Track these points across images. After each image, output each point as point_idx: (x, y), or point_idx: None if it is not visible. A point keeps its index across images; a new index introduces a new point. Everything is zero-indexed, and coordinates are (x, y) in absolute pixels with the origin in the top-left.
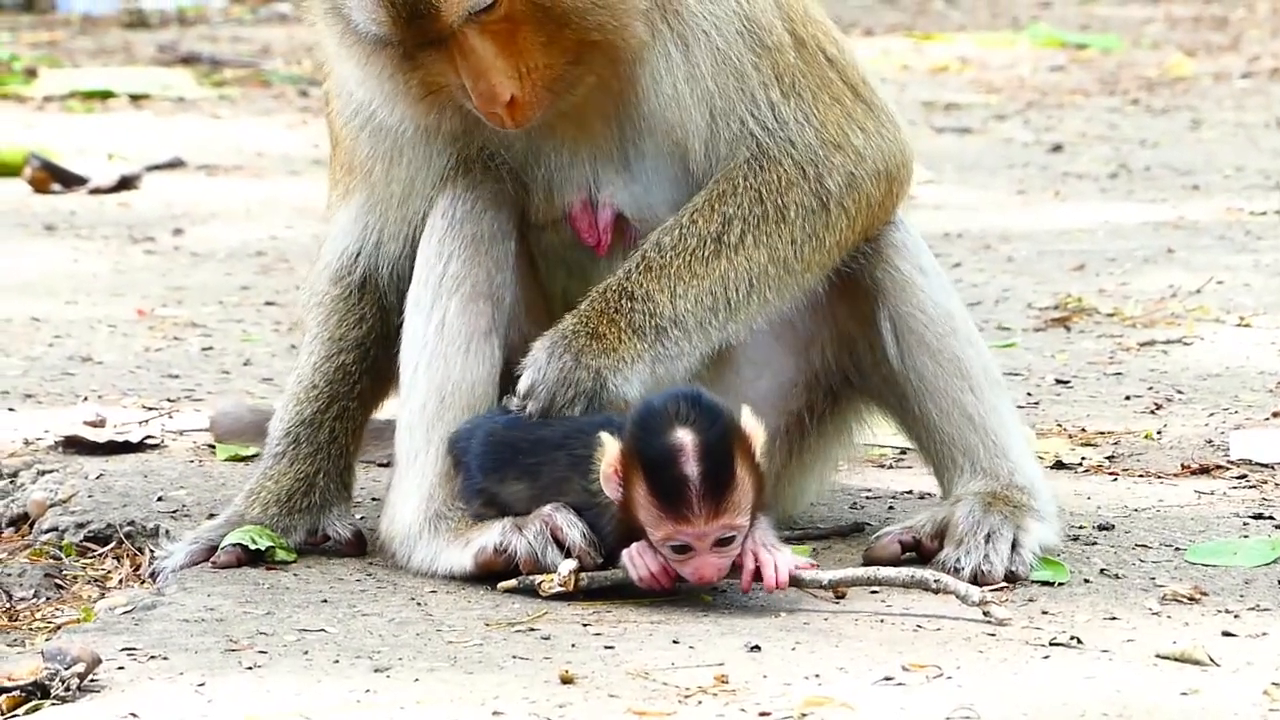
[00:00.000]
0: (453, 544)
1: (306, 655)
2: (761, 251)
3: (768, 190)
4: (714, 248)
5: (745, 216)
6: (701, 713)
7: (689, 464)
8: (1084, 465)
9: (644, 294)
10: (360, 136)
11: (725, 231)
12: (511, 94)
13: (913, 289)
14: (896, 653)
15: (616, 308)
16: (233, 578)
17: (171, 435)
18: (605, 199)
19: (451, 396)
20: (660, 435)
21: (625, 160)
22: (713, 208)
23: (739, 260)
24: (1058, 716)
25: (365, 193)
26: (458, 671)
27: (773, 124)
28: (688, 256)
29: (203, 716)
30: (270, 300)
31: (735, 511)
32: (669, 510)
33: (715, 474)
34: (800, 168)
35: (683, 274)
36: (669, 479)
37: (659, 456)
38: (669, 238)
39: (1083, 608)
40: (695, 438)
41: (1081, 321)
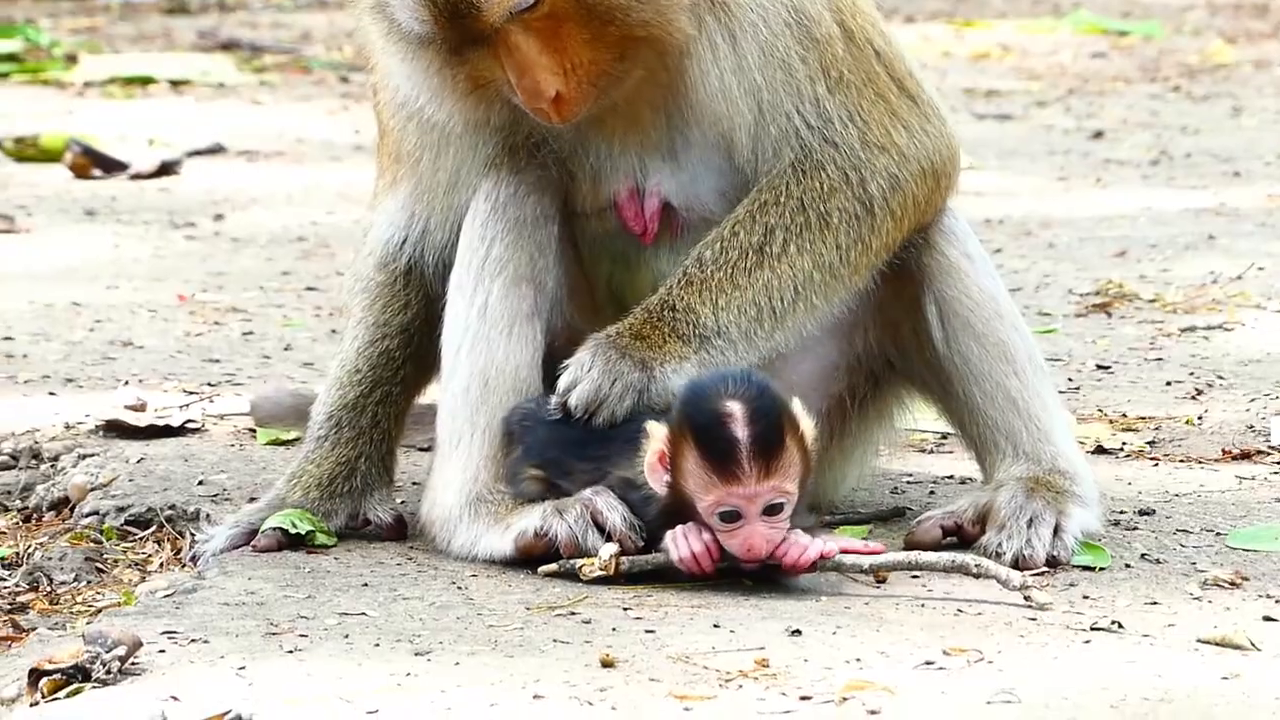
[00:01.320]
0: (493, 528)
1: (347, 639)
2: (805, 259)
3: (810, 198)
4: (756, 258)
5: (788, 225)
6: (742, 696)
7: (739, 427)
8: (1125, 450)
9: (685, 306)
10: (408, 127)
11: (767, 242)
12: (557, 90)
13: (959, 274)
14: (937, 637)
15: (659, 317)
16: (273, 561)
17: (212, 419)
18: (652, 188)
19: (495, 380)
20: (710, 404)
21: (672, 150)
22: (754, 218)
23: (782, 269)
24: (1098, 701)
25: (412, 182)
26: (498, 655)
27: (817, 121)
28: (729, 269)
29: (243, 699)
30: (311, 285)
31: (785, 475)
32: (720, 471)
33: (765, 436)
34: (843, 172)
35: (724, 286)
36: (720, 440)
37: (709, 421)
38: (710, 251)
39: (1124, 592)
40: (744, 405)
41: (1122, 307)
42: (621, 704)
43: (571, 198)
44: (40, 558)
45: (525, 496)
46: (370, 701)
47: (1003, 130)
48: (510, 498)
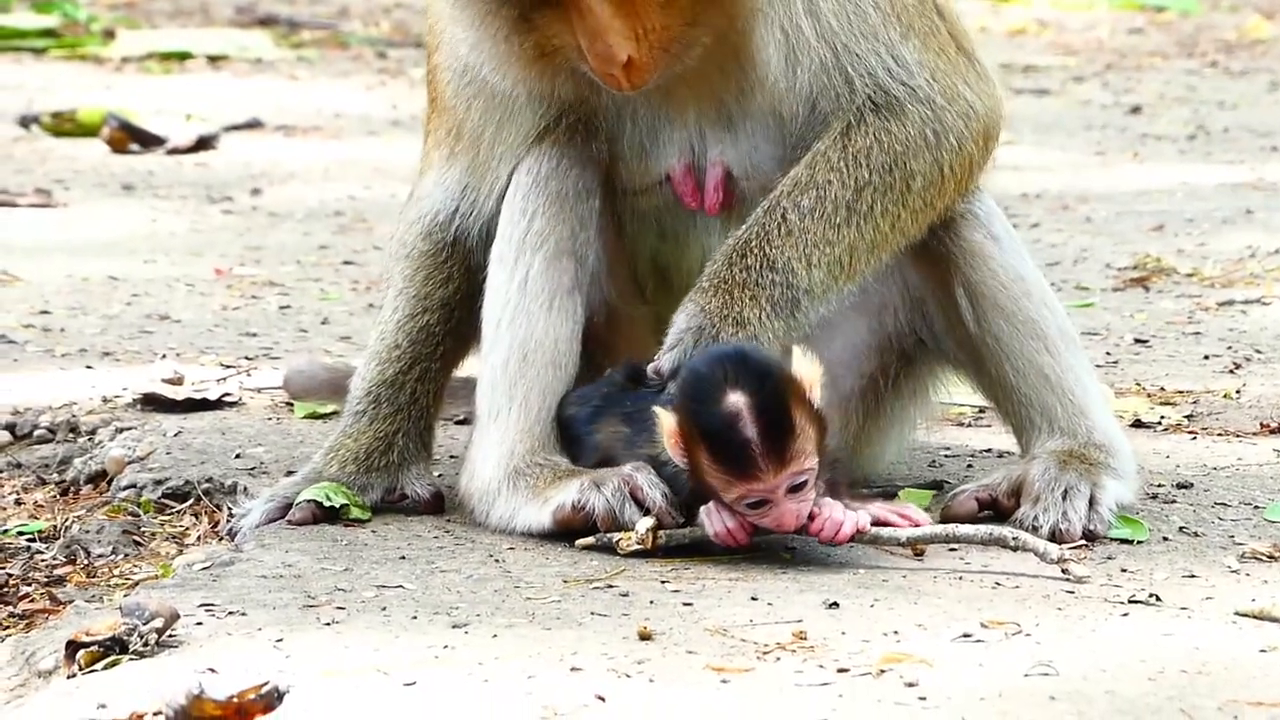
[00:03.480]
0: (531, 501)
1: (384, 611)
2: (886, 220)
3: (897, 153)
4: (845, 214)
5: (876, 185)
6: (780, 669)
7: (746, 427)
8: (1163, 424)
9: (785, 263)
10: (467, 98)
11: (858, 200)
12: (629, 55)
13: (984, 258)
14: (975, 610)
15: (759, 280)
16: (311, 534)
17: (249, 393)
18: (714, 159)
19: (534, 354)
20: (712, 404)
21: (730, 119)
22: (848, 169)
23: (866, 230)
24: (1136, 673)
25: (470, 156)
26: (536, 627)
27: (894, 65)
28: (824, 223)
29: (280, 671)
30: (348, 260)
31: (800, 458)
32: (735, 474)
33: (773, 430)
34: (922, 125)
35: (818, 242)
36: (729, 445)
37: (715, 426)
38: (807, 199)
39: (1161, 565)
40: (747, 399)
41: (1160, 281)
42: (659, 676)
43: (616, 173)
44: (78, 531)
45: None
46: (407, 674)
47: (1040, 105)
48: (549, 470)
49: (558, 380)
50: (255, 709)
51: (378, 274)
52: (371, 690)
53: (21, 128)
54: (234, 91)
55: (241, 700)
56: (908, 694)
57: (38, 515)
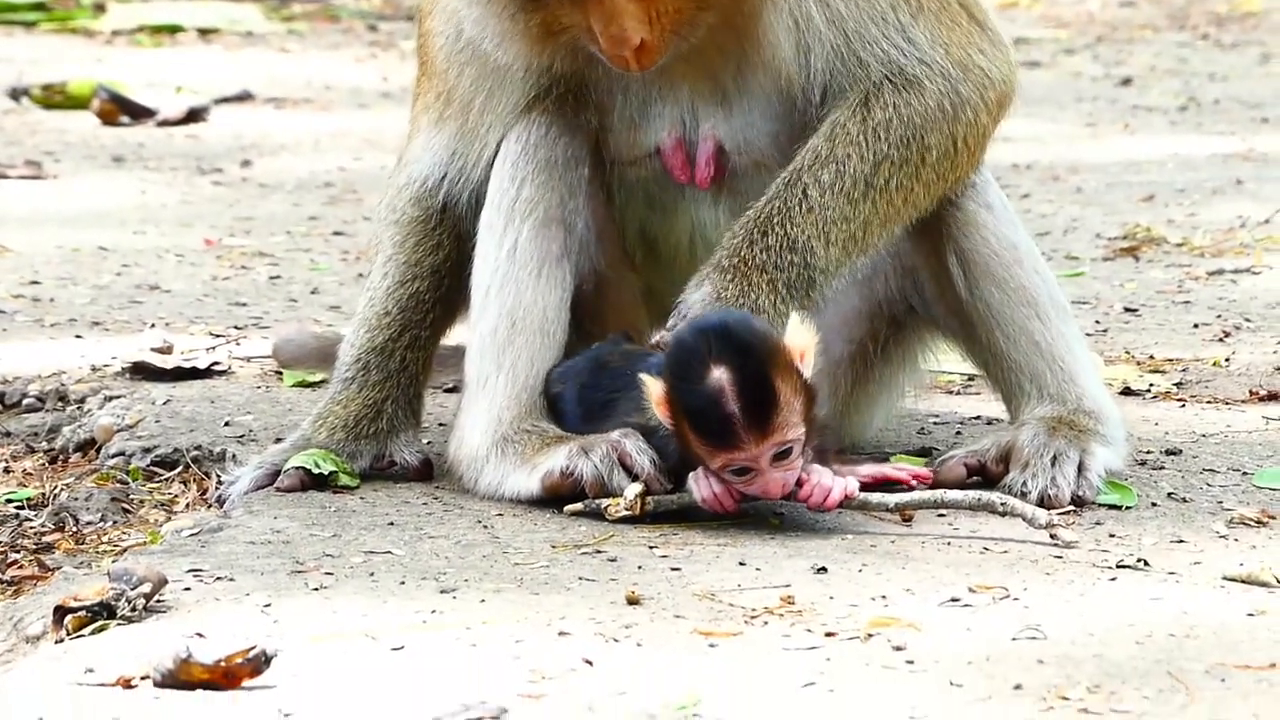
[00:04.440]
0: (519, 467)
1: (373, 577)
2: (900, 195)
3: (915, 126)
4: (864, 189)
5: (894, 159)
6: (767, 633)
7: (727, 402)
8: (1152, 391)
9: (805, 242)
10: (465, 70)
11: (876, 174)
12: (642, 38)
13: (977, 226)
14: (963, 574)
15: (778, 262)
16: (299, 501)
17: (239, 361)
18: (706, 133)
19: (522, 321)
20: (695, 378)
21: (724, 95)
22: (867, 142)
23: (881, 204)
24: (1124, 637)
25: (459, 122)
26: (524, 593)
27: (905, 44)
28: (843, 199)
29: (268, 636)
30: (338, 230)
31: (783, 430)
32: (717, 445)
33: (755, 403)
34: (940, 98)
35: (836, 219)
36: (711, 419)
37: (697, 401)
38: (827, 174)
39: (1150, 531)
40: (729, 374)
41: (1150, 251)
42: (647, 640)
43: (606, 143)
44: (66, 498)
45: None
46: (396, 639)
47: (1031, 77)
48: (537, 437)
49: (546, 348)
50: (243, 673)
51: (367, 244)
52: (359, 655)
53: (12, 100)
54: (224, 64)
55: (229, 664)
56: (895, 657)
57: (26, 483)
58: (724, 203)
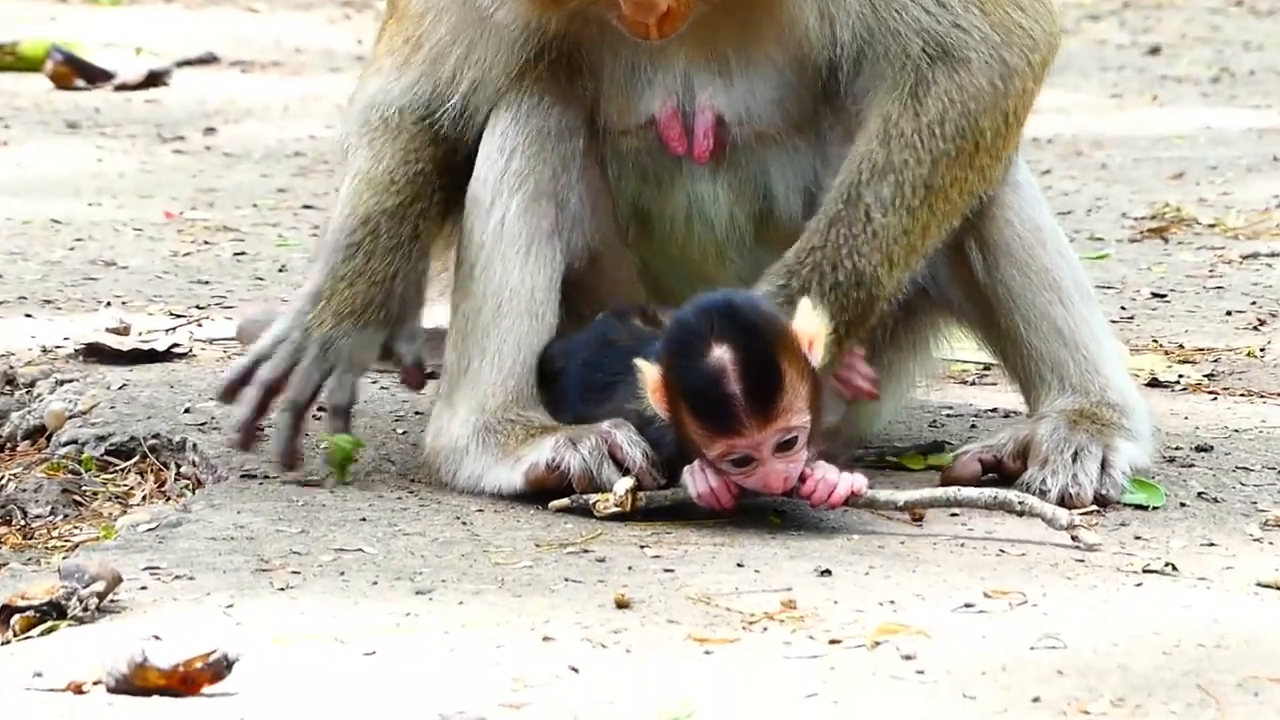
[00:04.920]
0: (502, 460)
1: (343, 576)
2: (956, 189)
3: (969, 115)
4: (924, 194)
5: (951, 154)
6: (767, 640)
7: (729, 382)
8: (1181, 383)
9: (871, 274)
10: (443, 18)
11: (934, 174)
12: (669, 6)
13: (1000, 205)
14: (978, 579)
15: (843, 302)
16: (264, 494)
17: (200, 344)
18: (704, 103)
19: (509, 303)
20: (695, 356)
21: (725, 61)
22: (922, 141)
23: (940, 206)
24: (1150, 647)
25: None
26: (505, 594)
27: (937, 9)
28: (904, 212)
29: (230, 639)
30: (308, 203)
31: (788, 414)
32: (717, 428)
33: (758, 385)
34: (988, 71)
35: (898, 235)
36: (711, 400)
37: (697, 380)
38: (887, 188)
39: (1178, 533)
40: (731, 353)
41: (1180, 232)
42: (637, 647)
43: (599, 113)
44: (14, 490)
45: None
46: (367, 643)
47: None
48: (521, 427)
49: (534, 331)
50: (202, 678)
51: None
52: (328, 660)
53: None
54: (187, 24)
55: (188, 669)
56: (904, 667)
57: None
58: (723, 177)
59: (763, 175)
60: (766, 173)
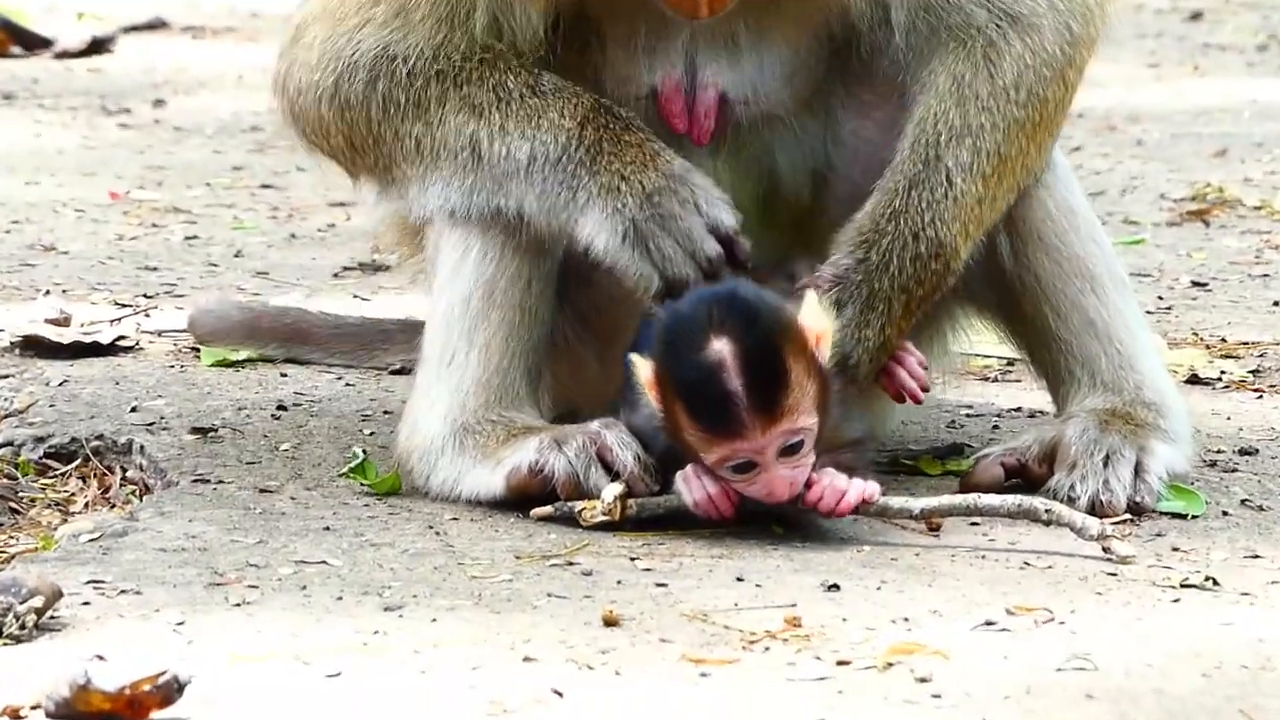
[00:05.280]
0: (481, 462)
1: (304, 591)
2: (1019, 161)
3: (1041, 81)
4: (996, 163)
5: (1022, 122)
6: (769, 661)
7: (729, 379)
8: (1224, 380)
9: (951, 244)
10: None
11: (1007, 142)
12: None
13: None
14: (1000, 594)
15: (920, 276)
16: (219, 501)
17: (148, 336)
18: (708, 79)
19: (503, 293)
20: (692, 351)
21: (733, 34)
22: (998, 106)
23: (1008, 179)
24: (1189, 669)
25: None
26: (482, 611)
27: None
28: (979, 180)
29: (181, 659)
30: (266, 182)
31: (794, 415)
32: (716, 432)
33: (762, 381)
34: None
35: (973, 204)
36: (709, 399)
37: (693, 376)
38: (965, 152)
39: (1220, 544)
40: (732, 346)
41: (1222, 215)
42: (627, 668)
43: (603, 84)
44: None
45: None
46: (331, 663)
47: None
48: (502, 428)
49: (524, 326)
50: (151, 702)
51: (302, 199)
52: (288, 682)
53: None
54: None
55: (135, 692)
56: (919, 691)
57: None
58: (724, 159)
59: (767, 157)
60: (771, 154)
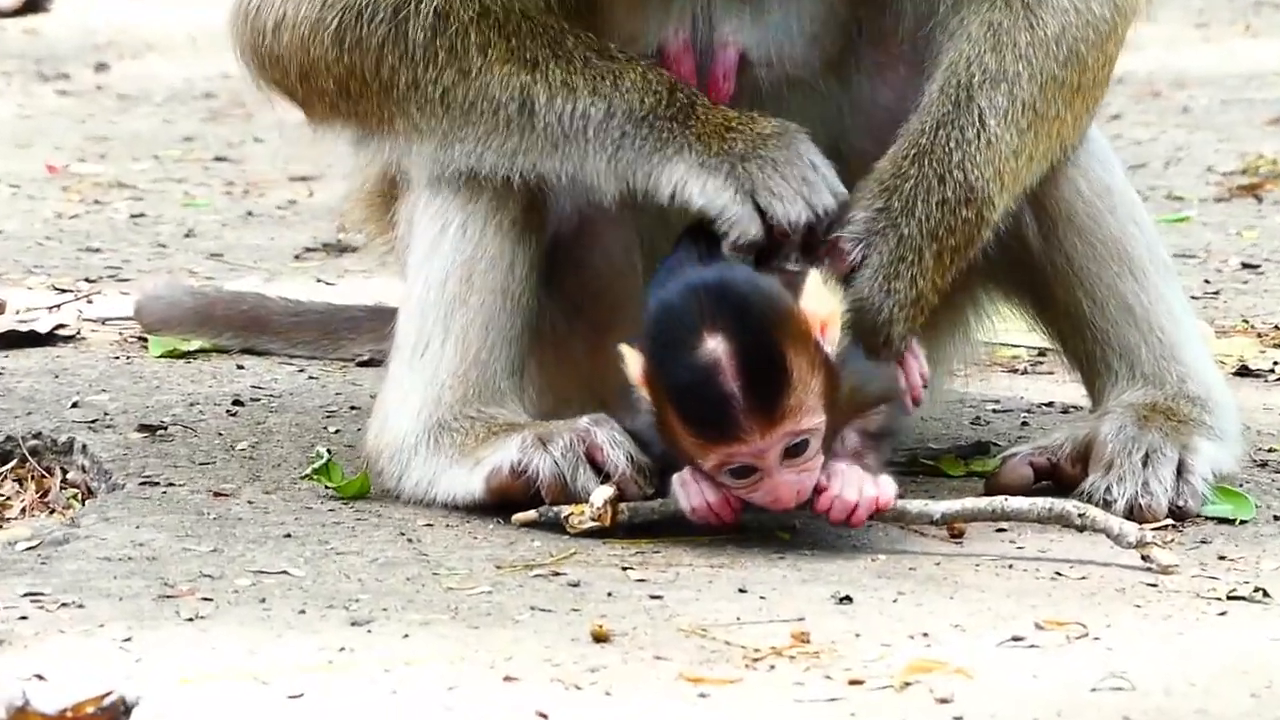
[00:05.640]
0: (458, 463)
1: (264, 604)
2: (1055, 126)
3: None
4: (1031, 117)
5: (1059, 81)
6: (774, 680)
7: (723, 380)
8: (1277, 372)
9: (983, 189)
10: None
11: (1042, 99)
12: None
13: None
14: (1029, 607)
15: (950, 224)
16: (169, 505)
17: (90, 325)
18: (726, 36)
19: (482, 276)
20: (681, 349)
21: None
22: (1036, 57)
23: (1043, 139)
24: (1236, 688)
25: None
26: (459, 626)
27: None
28: (1014, 129)
29: (128, 679)
30: (221, 155)
31: (797, 415)
32: (710, 437)
33: (759, 380)
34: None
35: (1009, 155)
36: (701, 402)
37: (684, 378)
38: (1001, 97)
39: (1271, 552)
40: (725, 344)
41: (1277, 190)
42: (618, 688)
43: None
44: None
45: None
46: (293, 683)
47: None
48: (482, 425)
49: (505, 313)
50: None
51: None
52: (245, 703)
53: None
54: None
55: (78, 714)
56: (940, 713)
57: None
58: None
59: None
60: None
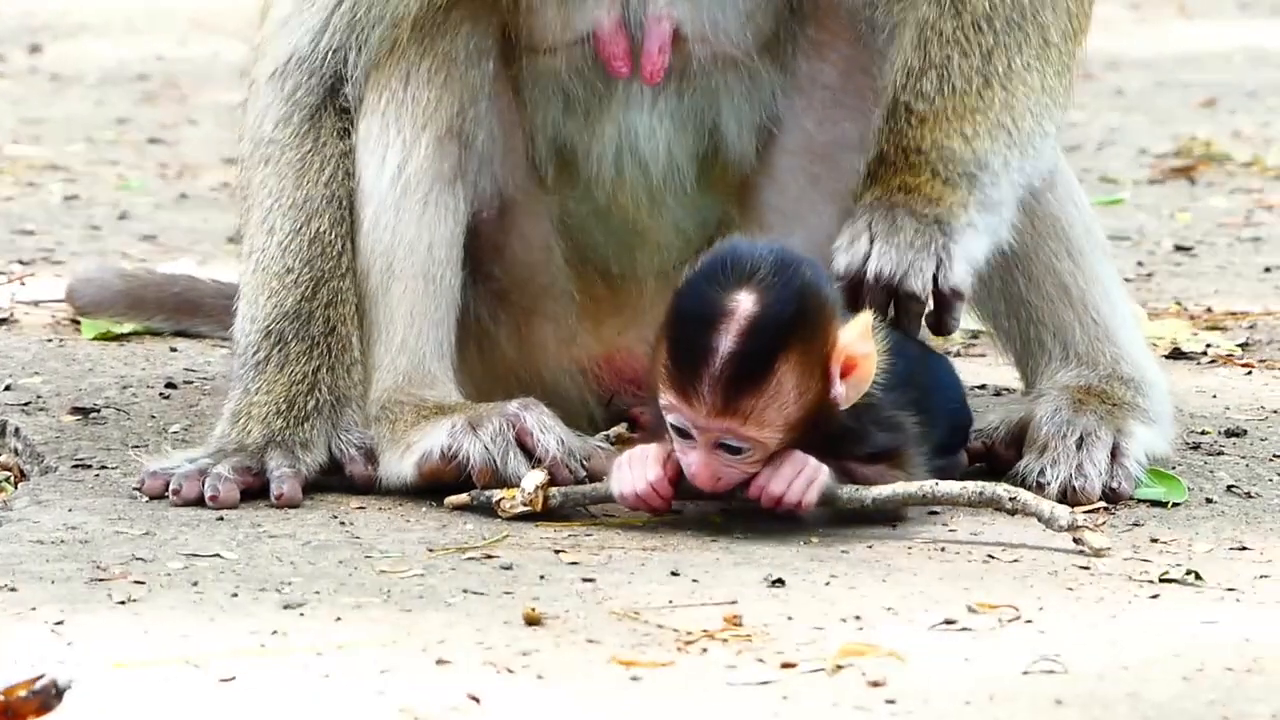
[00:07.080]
0: (390, 448)
1: (196, 587)
2: (1033, 76)
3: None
4: (982, 80)
5: (1008, 44)
6: (706, 663)
7: (715, 336)
8: (1209, 354)
9: (932, 144)
10: None
11: (989, 63)
12: None
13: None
14: (961, 590)
15: (908, 165)
16: (102, 488)
17: (23, 307)
18: (660, 10)
19: (402, 263)
20: (713, 284)
21: None
22: (967, 39)
23: (1016, 86)
24: (1168, 671)
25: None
26: (392, 609)
27: None
28: (959, 98)
29: (60, 663)
30: (155, 137)
31: (748, 419)
32: (675, 382)
33: (740, 365)
34: None
35: (964, 113)
36: (686, 343)
37: (691, 309)
38: (929, 83)
39: (1203, 535)
40: (745, 309)
41: (1209, 172)
42: (550, 671)
43: (518, 27)
44: None
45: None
46: (225, 666)
47: None
48: (411, 409)
49: (429, 296)
50: (27, 709)
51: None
52: (178, 686)
53: None
54: None
55: (9, 698)
56: (872, 696)
57: None
58: (664, 105)
59: (712, 108)
60: (716, 104)
